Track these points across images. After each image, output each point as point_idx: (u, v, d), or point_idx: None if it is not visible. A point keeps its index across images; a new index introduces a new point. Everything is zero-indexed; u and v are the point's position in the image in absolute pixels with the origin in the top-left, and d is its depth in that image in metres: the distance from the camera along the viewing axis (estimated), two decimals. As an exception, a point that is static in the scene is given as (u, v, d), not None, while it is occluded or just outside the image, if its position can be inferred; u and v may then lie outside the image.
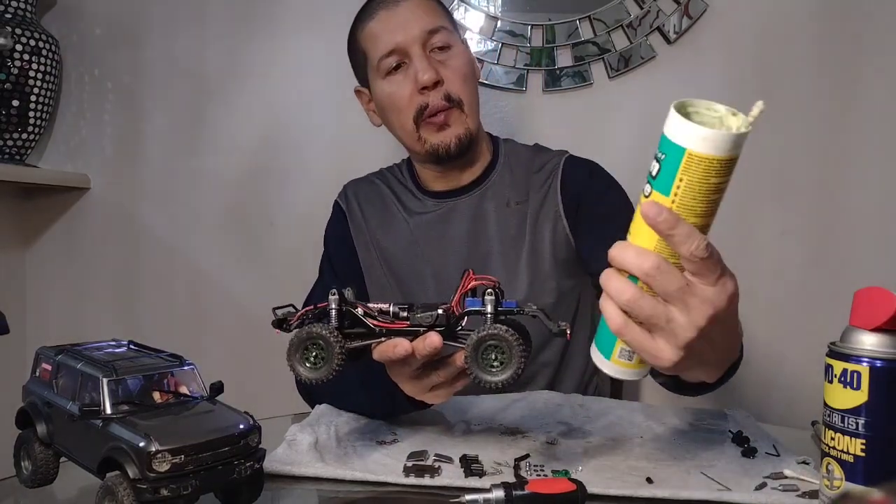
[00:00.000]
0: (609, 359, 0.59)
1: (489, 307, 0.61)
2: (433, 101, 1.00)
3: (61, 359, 0.60)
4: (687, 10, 1.48)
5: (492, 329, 0.58)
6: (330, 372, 0.61)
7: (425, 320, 0.62)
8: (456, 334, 0.63)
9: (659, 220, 0.52)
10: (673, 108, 0.52)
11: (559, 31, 1.51)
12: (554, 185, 1.06)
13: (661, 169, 0.52)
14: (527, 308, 0.62)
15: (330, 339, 0.60)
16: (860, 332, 0.56)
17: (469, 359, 0.59)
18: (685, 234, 0.52)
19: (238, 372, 1.48)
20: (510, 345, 0.58)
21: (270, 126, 1.60)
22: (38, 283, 1.67)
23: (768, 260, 1.50)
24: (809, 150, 1.49)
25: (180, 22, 1.60)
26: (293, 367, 0.61)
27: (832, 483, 0.57)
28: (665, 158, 0.52)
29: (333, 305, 0.62)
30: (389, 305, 0.64)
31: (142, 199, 1.64)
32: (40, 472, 0.60)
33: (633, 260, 0.54)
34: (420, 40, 1.00)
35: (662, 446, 0.76)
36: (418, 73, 0.99)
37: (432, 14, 1.03)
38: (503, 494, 0.57)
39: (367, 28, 1.04)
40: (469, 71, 1.04)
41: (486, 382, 0.59)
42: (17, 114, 1.49)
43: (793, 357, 1.50)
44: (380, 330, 0.63)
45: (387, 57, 1.01)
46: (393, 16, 1.02)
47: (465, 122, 1.02)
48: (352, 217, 1.14)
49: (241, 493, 0.57)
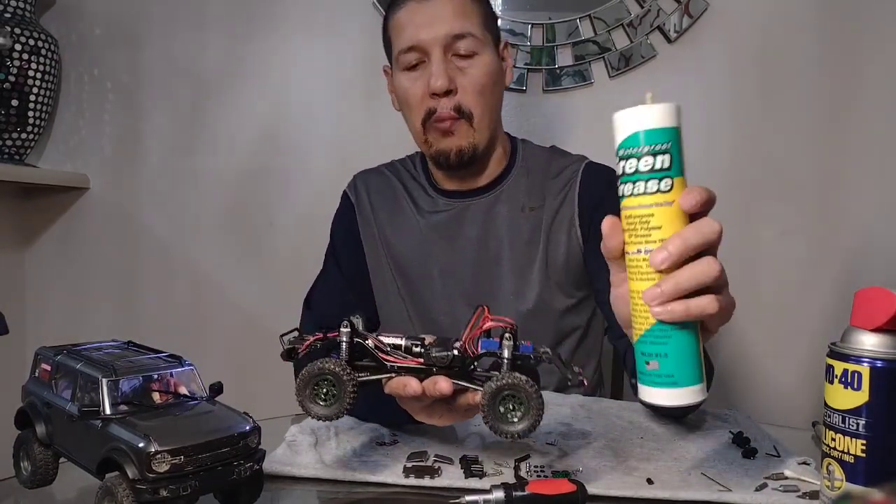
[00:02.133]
0: (702, 382, 0.54)
1: (506, 352, 0.58)
2: (442, 109, 0.97)
3: (60, 359, 0.60)
4: (687, 9, 1.48)
5: (510, 379, 0.56)
6: (341, 410, 0.58)
7: (440, 361, 0.60)
8: (471, 375, 0.61)
9: (712, 197, 0.53)
10: (653, 103, 0.52)
11: (559, 30, 1.51)
12: (571, 194, 1.02)
13: (672, 156, 0.52)
14: (544, 355, 0.60)
15: (342, 377, 0.58)
16: (861, 332, 0.56)
17: (486, 408, 0.57)
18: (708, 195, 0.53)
19: (237, 372, 1.48)
20: (529, 396, 0.56)
21: (270, 126, 1.60)
22: (38, 284, 1.67)
23: (769, 260, 1.50)
24: (810, 149, 1.49)
25: (180, 22, 1.60)
26: (303, 405, 0.59)
27: (833, 484, 0.57)
28: (670, 145, 0.52)
29: (345, 338, 0.60)
30: (401, 339, 0.62)
31: (141, 198, 1.64)
32: (40, 472, 0.60)
33: (707, 230, 0.52)
34: (442, 43, 0.96)
35: (662, 447, 0.76)
36: (432, 77, 0.96)
37: (463, 17, 0.97)
38: (503, 495, 0.57)
39: (395, 16, 1.00)
40: (488, 82, 0.98)
41: (504, 433, 0.57)
42: (16, 113, 1.49)
43: (793, 357, 1.50)
44: (392, 366, 0.61)
45: (407, 52, 0.98)
46: (422, 10, 0.97)
47: (470, 136, 0.98)
48: (360, 210, 1.11)
49: (240, 493, 0.57)
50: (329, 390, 0.58)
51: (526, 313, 1.01)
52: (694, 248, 0.52)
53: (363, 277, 1.10)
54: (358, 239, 1.10)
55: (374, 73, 1.55)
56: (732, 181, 1.50)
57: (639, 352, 0.55)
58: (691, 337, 0.53)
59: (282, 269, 1.60)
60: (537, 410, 0.56)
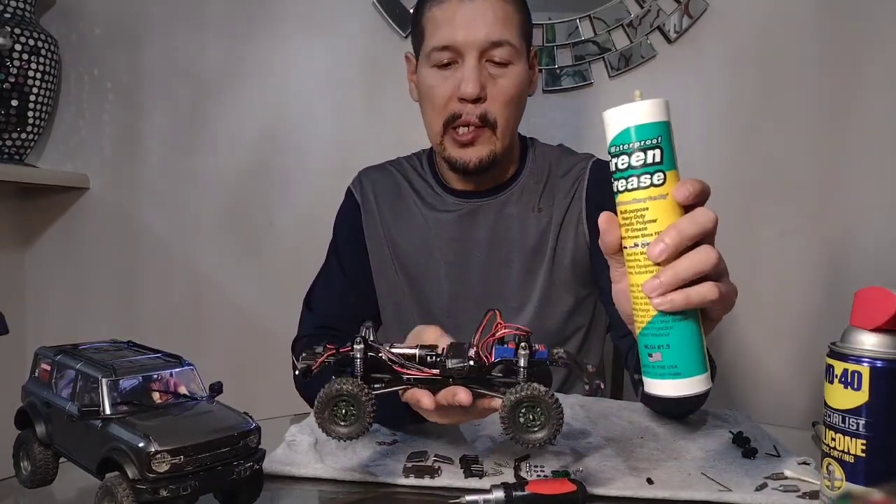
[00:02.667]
0: (706, 372, 0.55)
1: (522, 361, 0.58)
2: (468, 115, 0.94)
3: (60, 359, 0.60)
4: (687, 9, 1.48)
5: (529, 391, 0.56)
6: (362, 429, 0.58)
7: (457, 372, 0.60)
8: (489, 382, 0.61)
9: (706, 188, 0.54)
10: (642, 99, 0.53)
11: (559, 30, 1.51)
12: (579, 192, 1.02)
13: (663, 150, 0.53)
14: (559, 360, 0.60)
15: (360, 398, 0.58)
16: (861, 332, 0.56)
17: (507, 420, 0.57)
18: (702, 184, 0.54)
19: (237, 372, 1.48)
20: (548, 406, 0.56)
21: (270, 126, 1.60)
22: (38, 284, 1.66)
23: (769, 260, 1.50)
24: (810, 149, 1.49)
25: (180, 22, 1.60)
26: (323, 427, 0.58)
27: (833, 484, 0.57)
28: (661, 140, 0.53)
29: (359, 355, 0.59)
30: (415, 349, 0.61)
31: (141, 198, 1.64)
32: (39, 472, 0.60)
33: (702, 219, 0.53)
34: (480, 48, 0.93)
35: (663, 447, 0.76)
36: (463, 82, 0.93)
37: (504, 24, 0.94)
38: (503, 495, 0.57)
39: (432, 10, 0.96)
40: (517, 93, 0.96)
41: (526, 441, 0.57)
42: (16, 113, 1.48)
43: (793, 357, 1.50)
44: (408, 378, 0.61)
45: (441, 51, 0.94)
46: (462, 10, 0.93)
47: (493, 143, 0.97)
48: (366, 209, 1.08)
49: (240, 493, 0.57)
50: (348, 410, 0.58)
51: (533, 314, 1.01)
52: (690, 238, 0.52)
53: (365, 277, 1.09)
54: (362, 238, 1.08)
55: (374, 73, 1.56)
56: (732, 181, 1.50)
57: (642, 345, 0.55)
58: (693, 327, 0.54)
59: (282, 268, 1.59)
60: (557, 419, 0.57)
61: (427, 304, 1.05)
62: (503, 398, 0.57)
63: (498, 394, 0.59)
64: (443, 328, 0.68)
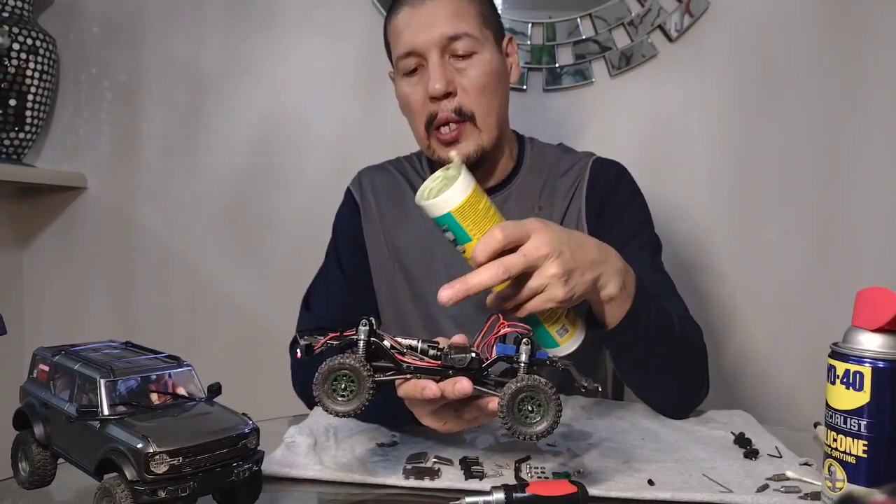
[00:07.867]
0: (559, 345, 0.73)
1: (524, 356, 0.59)
2: (443, 112, 0.95)
3: (58, 360, 0.59)
4: (688, 8, 1.48)
5: (529, 381, 0.57)
6: (361, 405, 0.58)
7: (458, 363, 0.60)
8: (484, 379, 0.61)
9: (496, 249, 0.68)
10: (424, 201, 0.70)
11: (560, 29, 1.51)
12: (580, 191, 1.02)
13: (454, 233, 0.69)
14: (559, 362, 0.61)
15: (361, 372, 0.58)
16: (862, 332, 0.55)
17: (505, 409, 0.57)
18: (491, 248, 0.67)
19: (236, 373, 1.48)
20: (547, 396, 0.57)
21: (269, 125, 1.60)
22: (35, 284, 1.66)
23: (770, 260, 1.50)
24: (811, 149, 1.49)
25: (178, 21, 1.60)
26: (321, 401, 0.58)
27: (834, 484, 0.57)
28: (449, 227, 0.69)
29: (363, 336, 0.60)
30: (418, 342, 0.62)
31: (139, 198, 1.63)
32: (38, 473, 0.59)
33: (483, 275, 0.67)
34: (438, 45, 0.94)
35: (664, 448, 0.76)
36: (429, 81, 0.94)
37: (458, 17, 0.96)
38: (503, 497, 0.57)
39: (392, 22, 0.99)
40: (489, 81, 0.96)
41: (524, 434, 0.58)
42: (13, 113, 1.48)
43: (794, 358, 1.50)
44: (408, 367, 0.61)
45: (405, 58, 0.97)
46: (416, 15, 0.96)
47: (478, 138, 0.97)
48: (365, 210, 1.08)
49: (239, 495, 0.57)
50: (347, 385, 0.58)
51: None
52: (476, 288, 0.67)
53: (365, 278, 1.08)
54: (361, 238, 1.08)
55: (373, 72, 1.55)
56: (733, 181, 1.50)
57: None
58: (534, 321, 0.72)
59: (280, 268, 1.59)
60: (556, 411, 0.57)
61: (427, 305, 1.05)
62: (501, 394, 0.58)
63: (497, 393, 0.60)
64: (443, 331, 0.68)
